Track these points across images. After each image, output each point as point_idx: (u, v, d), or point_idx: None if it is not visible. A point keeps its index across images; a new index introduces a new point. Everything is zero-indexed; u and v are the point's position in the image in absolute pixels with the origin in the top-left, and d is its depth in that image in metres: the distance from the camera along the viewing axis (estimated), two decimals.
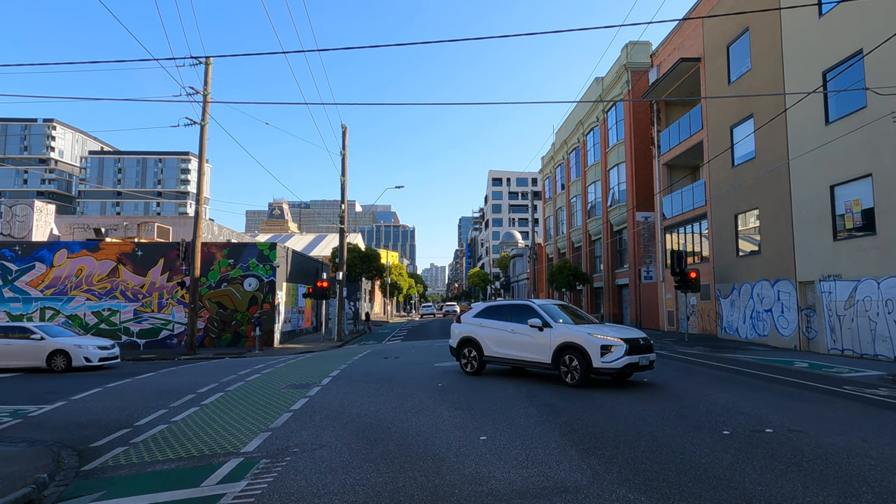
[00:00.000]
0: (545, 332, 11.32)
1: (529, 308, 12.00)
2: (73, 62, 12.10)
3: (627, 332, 11.22)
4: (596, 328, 11.17)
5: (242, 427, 8.02)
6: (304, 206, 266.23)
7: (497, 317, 12.62)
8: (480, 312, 13.11)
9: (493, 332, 12.46)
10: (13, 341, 16.29)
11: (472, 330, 12.97)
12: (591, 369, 10.50)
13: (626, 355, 10.46)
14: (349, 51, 15.96)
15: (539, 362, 11.45)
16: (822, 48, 17.52)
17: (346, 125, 30.07)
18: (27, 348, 16.21)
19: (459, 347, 13.20)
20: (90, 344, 16.58)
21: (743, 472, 5.51)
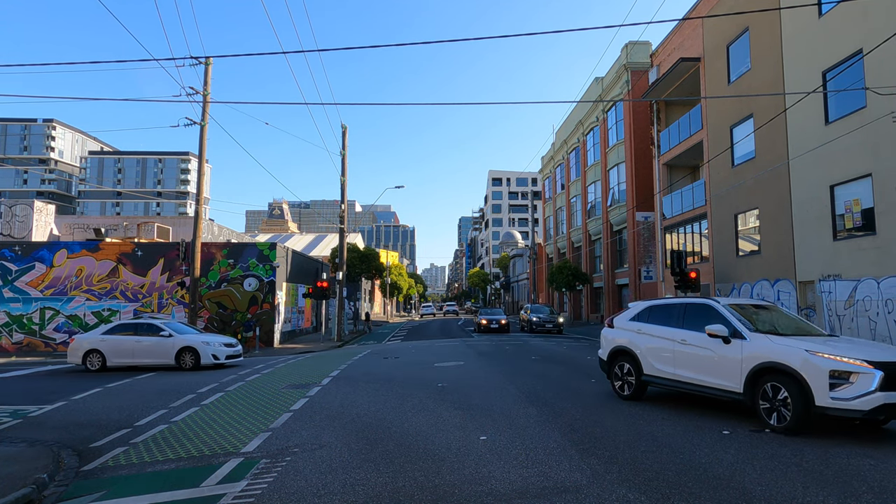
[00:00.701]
0: (733, 346, 7.88)
1: (709, 309, 8.58)
2: (73, 62, 12.11)
3: (881, 350, 7.28)
4: (822, 343, 7.43)
5: (242, 427, 8.02)
6: (304, 206, 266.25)
7: (663, 320, 9.24)
8: (640, 314, 9.84)
9: (656, 343, 9.13)
10: (143, 339, 16.01)
11: (628, 338, 9.75)
12: (813, 407, 6.79)
13: (882, 390, 6.48)
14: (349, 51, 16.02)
15: (723, 389, 7.97)
16: (821, 48, 17.52)
17: (345, 125, 30.08)
18: (157, 346, 15.91)
19: (611, 361, 10.11)
20: (216, 341, 16.27)
21: (743, 472, 5.51)
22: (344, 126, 30.03)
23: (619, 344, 9.94)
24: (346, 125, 30.06)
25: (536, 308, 34.58)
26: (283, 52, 11.73)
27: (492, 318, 32.62)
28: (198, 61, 19.87)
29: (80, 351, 16.02)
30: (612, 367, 10.03)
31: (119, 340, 16.10)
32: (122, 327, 16.56)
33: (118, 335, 16.22)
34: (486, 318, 32.74)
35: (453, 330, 37.22)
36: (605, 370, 10.31)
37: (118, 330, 16.45)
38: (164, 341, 15.98)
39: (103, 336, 16.23)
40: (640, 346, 9.42)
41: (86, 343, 16.14)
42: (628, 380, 9.60)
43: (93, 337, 16.34)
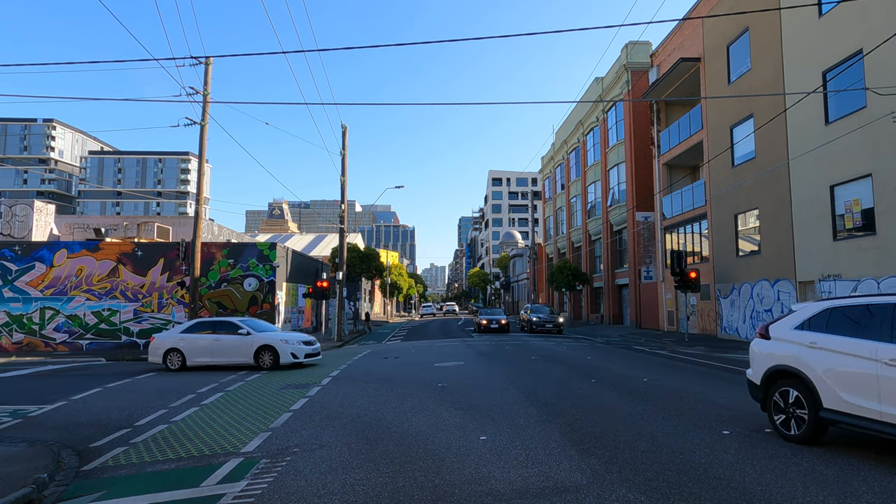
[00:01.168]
0: None
1: None
2: (73, 62, 12.10)
3: None
4: None
5: (242, 427, 8.02)
6: (304, 206, 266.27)
7: (851, 330, 6.26)
8: (814, 319, 6.79)
9: (845, 363, 6.13)
10: (222, 337, 15.35)
11: (795, 355, 6.74)
12: None
13: None
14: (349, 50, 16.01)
15: None
16: (821, 48, 17.52)
17: (345, 125, 30.08)
18: (236, 344, 15.23)
19: (767, 385, 7.14)
20: (295, 339, 15.45)
21: (743, 472, 5.51)
22: (344, 126, 30.03)
23: (781, 363, 6.91)
24: (346, 125, 30.07)
25: (536, 308, 34.57)
26: (282, 52, 11.74)
27: (492, 318, 32.62)
28: (198, 61, 19.87)
29: (161, 350, 15.44)
30: (768, 396, 7.07)
31: (198, 339, 15.45)
32: (200, 325, 15.88)
33: (197, 333, 15.55)
34: (486, 318, 32.74)
35: (453, 330, 37.22)
36: (758, 398, 7.34)
37: (197, 328, 15.77)
38: (243, 340, 15.23)
39: (182, 335, 15.55)
40: (817, 368, 6.41)
41: (168, 342, 15.54)
42: (797, 414, 6.61)
43: (173, 335, 15.69)
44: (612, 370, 13.67)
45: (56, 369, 17.07)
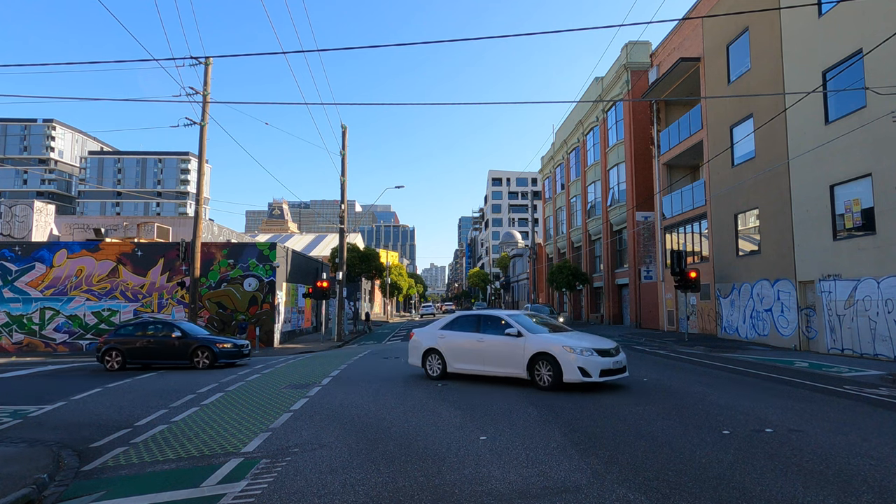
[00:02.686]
0: None
1: None
2: (73, 62, 12.11)
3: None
4: None
5: (242, 427, 8.02)
6: (304, 206, 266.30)
7: None
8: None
9: None
10: (486, 337, 11.55)
11: None
12: None
13: None
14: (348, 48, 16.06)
15: None
16: (821, 48, 17.51)
17: (345, 125, 30.08)
18: (504, 349, 11.14)
19: None
20: (580, 345, 10.46)
21: (743, 471, 5.51)
22: (344, 126, 30.04)
23: None
24: (345, 125, 30.07)
25: (536, 308, 34.57)
26: (282, 52, 11.74)
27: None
28: (198, 61, 19.87)
29: (420, 350, 12.68)
30: None
31: (459, 339, 12.05)
32: (463, 321, 12.40)
33: (458, 330, 12.20)
34: None
35: None
36: None
37: (459, 323, 12.39)
38: (513, 344, 11.10)
39: (443, 332, 12.43)
40: None
41: (425, 340, 12.66)
42: None
43: (432, 332, 12.62)
44: None
45: (56, 369, 17.07)
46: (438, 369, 12.26)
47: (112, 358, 16.58)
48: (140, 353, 16.72)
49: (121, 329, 17.34)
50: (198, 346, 16.49)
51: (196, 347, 16.47)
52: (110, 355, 16.61)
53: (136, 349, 16.70)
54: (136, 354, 16.70)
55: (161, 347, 16.66)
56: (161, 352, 16.66)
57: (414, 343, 12.92)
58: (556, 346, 10.45)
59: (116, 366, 16.51)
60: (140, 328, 17.23)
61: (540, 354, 10.62)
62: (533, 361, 10.69)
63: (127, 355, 16.60)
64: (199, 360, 16.43)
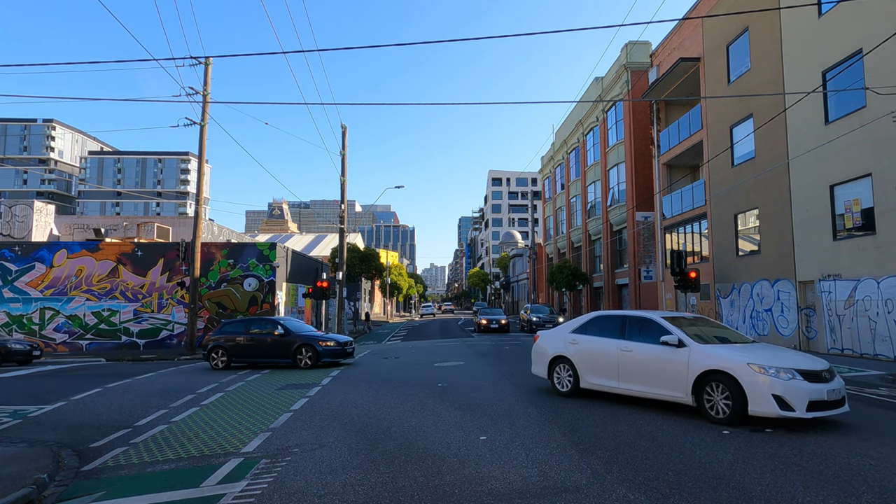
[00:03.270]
0: None
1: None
2: (73, 62, 12.11)
3: None
4: None
5: (242, 427, 8.02)
6: (304, 206, 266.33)
7: None
8: None
9: None
10: (634, 346, 8.90)
11: None
12: None
13: None
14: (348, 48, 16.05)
15: None
16: (821, 48, 17.52)
17: (345, 125, 30.08)
18: (661, 364, 8.42)
19: None
20: (775, 363, 7.56)
21: (743, 471, 5.51)
22: (344, 126, 30.04)
23: None
24: (345, 125, 30.08)
25: (536, 308, 34.60)
26: (282, 52, 11.74)
27: (492, 318, 32.65)
28: (197, 61, 19.88)
29: (545, 357, 10.49)
30: None
31: (596, 346, 9.53)
32: (602, 323, 9.83)
33: (597, 335, 9.68)
34: (485, 318, 32.76)
35: (453, 330, 37.23)
36: None
37: (598, 327, 9.84)
38: (672, 356, 8.27)
39: (575, 335, 10.01)
40: None
41: (552, 345, 10.46)
42: None
43: (559, 336, 10.40)
44: None
45: (56, 369, 17.07)
46: (569, 383, 9.93)
47: (217, 356, 16.00)
48: (244, 352, 15.99)
49: (225, 326, 16.67)
50: (300, 344, 15.56)
51: (299, 346, 15.56)
52: (216, 353, 16.03)
53: (239, 347, 15.99)
54: (240, 353, 15.99)
55: (264, 346, 15.84)
56: (264, 350, 15.83)
57: (538, 349, 10.76)
58: (737, 363, 7.59)
59: (221, 365, 15.92)
60: (244, 325, 16.57)
61: (712, 373, 7.75)
62: (701, 382, 7.88)
63: (231, 354, 15.97)
64: (302, 358, 15.47)
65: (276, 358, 15.73)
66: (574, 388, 9.83)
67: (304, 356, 15.51)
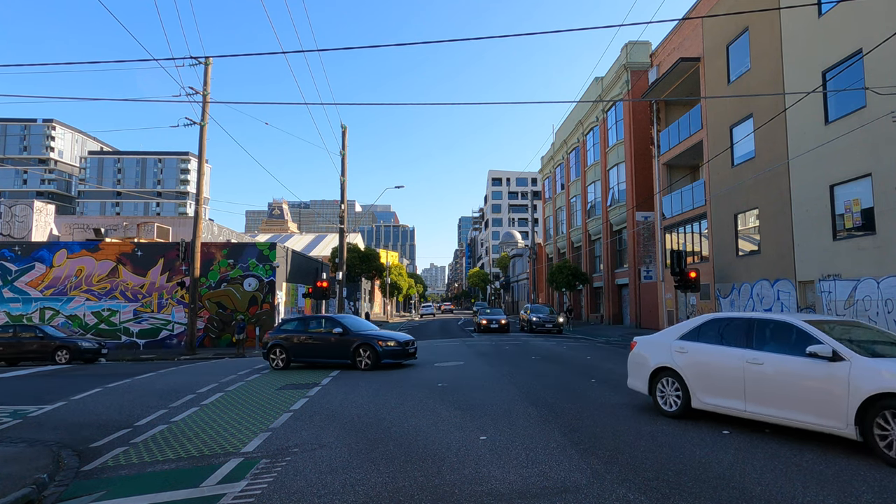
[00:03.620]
0: None
1: None
2: (73, 62, 12.11)
3: None
4: None
5: (242, 427, 8.02)
6: (304, 206, 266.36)
7: None
8: None
9: None
10: (765, 357, 6.95)
11: None
12: None
13: None
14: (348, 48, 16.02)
15: None
16: (821, 48, 17.52)
17: (345, 125, 30.08)
18: (807, 383, 6.46)
19: None
20: None
21: (743, 471, 5.51)
22: (344, 126, 30.04)
23: None
24: (345, 125, 30.07)
25: (536, 308, 34.59)
26: (282, 52, 11.74)
27: (492, 318, 32.64)
28: (197, 61, 19.88)
29: (645, 369, 8.56)
30: None
31: (715, 356, 7.59)
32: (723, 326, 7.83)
33: (715, 343, 7.72)
34: (485, 318, 32.75)
35: (453, 330, 37.23)
36: None
37: (715, 331, 7.87)
38: (823, 372, 6.32)
39: (683, 343, 8.10)
40: None
41: (654, 353, 8.50)
42: None
43: (663, 342, 8.49)
44: (613, 370, 13.68)
45: (56, 369, 17.07)
46: (676, 402, 7.99)
47: (277, 356, 15.38)
48: (303, 351, 15.26)
49: (284, 324, 16.15)
50: (359, 344, 14.60)
51: (357, 346, 14.60)
52: (276, 352, 15.40)
53: (298, 346, 15.28)
54: (300, 352, 15.27)
55: (322, 345, 15.03)
56: (323, 350, 15.01)
57: (636, 357, 8.85)
58: None
59: (281, 364, 15.29)
60: (302, 323, 15.92)
61: (887, 397, 5.72)
62: (869, 409, 5.86)
63: (291, 353, 15.28)
64: (362, 359, 14.51)
65: (335, 358, 14.88)
66: (683, 407, 7.87)
67: (363, 356, 14.53)
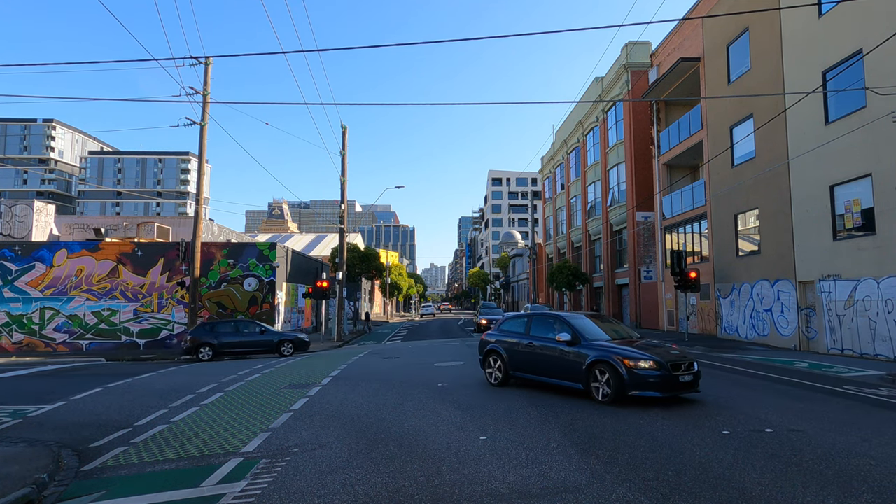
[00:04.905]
0: None
1: None
2: (73, 62, 12.11)
3: None
4: None
5: (242, 427, 8.02)
6: (304, 206, 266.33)
7: None
8: None
9: None
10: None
11: None
12: None
13: None
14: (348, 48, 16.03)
15: None
16: (821, 48, 17.52)
17: (345, 125, 30.08)
18: None
19: None
20: None
21: (743, 471, 5.51)
22: (344, 126, 30.04)
23: None
24: (345, 125, 30.07)
25: (536, 308, 34.59)
26: (282, 52, 11.74)
27: (491, 318, 32.61)
28: (198, 61, 19.88)
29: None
30: None
31: None
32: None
33: None
34: (486, 318, 32.74)
35: (453, 330, 37.22)
36: None
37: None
38: None
39: None
40: None
41: None
42: None
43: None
44: None
45: (56, 369, 17.07)
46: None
47: (493, 366, 11.49)
48: (528, 365, 10.81)
49: (504, 323, 12.07)
50: (595, 362, 9.39)
51: (593, 363, 9.42)
52: (492, 361, 11.53)
53: (522, 356, 10.96)
54: (523, 366, 10.92)
55: (550, 360, 10.28)
56: (552, 366, 10.27)
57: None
58: None
59: (500, 376, 11.30)
60: (524, 324, 11.31)
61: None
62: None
63: (510, 366, 11.14)
64: (599, 386, 9.29)
65: (567, 379, 9.97)
66: None
67: (600, 382, 9.30)
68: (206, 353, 19.29)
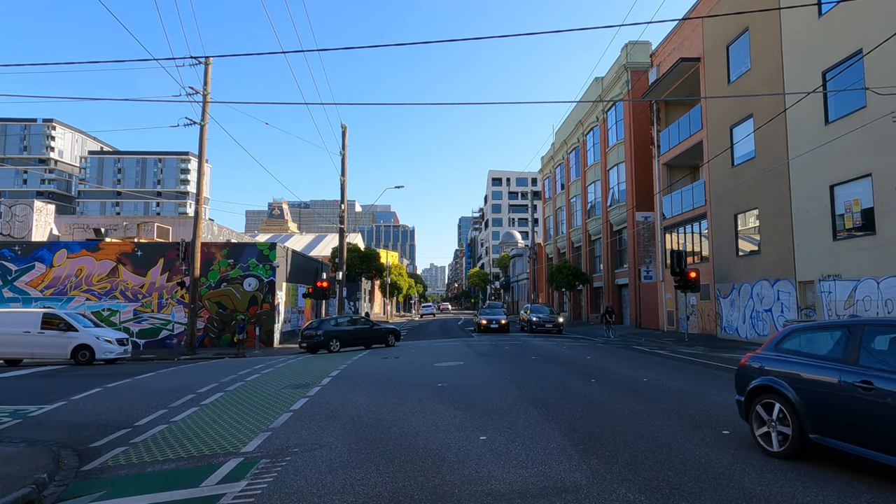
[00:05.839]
0: None
1: None
2: (72, 62, 12.11)
3: None
4: None
5: (242, 427, 8.02)
6: (304, 206, 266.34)
7: None
8: None
9: None
10: None
11: None
12: None
13: None
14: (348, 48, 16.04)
15: None
16: (821, 48, 17.52)
17: (345, 125, 30.09)
18: None
19: None
20: None
21: (743, 471, 5.50)
22: (344, 126, 30.05)
23: None
24: (345, 125, 30.08)
25: (536, 308, 34.59)
26: (282, 52, 11.74)
27: (492, 318, 32.64)
28: (198, 61, 19.88)
29: None
30: None
31: None
32: None
33: None
34: (485, 318, 32.75)
35: (453, 330, 37.23)
36: None
37: None
38: None
39: None
40: None
41: None
42: None
43: None
44: (612, 370, 13.68)
45: (56, 369, 17.07)
46: None
47: (768, 418, 5.96)
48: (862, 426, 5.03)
49: (788, 339, 6.55)
50: None
51: None
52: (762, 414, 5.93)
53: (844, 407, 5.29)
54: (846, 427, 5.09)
55: None
56: None
57: None
58: None
59: (785, 438, 5.98)
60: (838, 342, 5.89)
61: None
62: None
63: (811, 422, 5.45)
64: None
65: None
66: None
67: None
68: (336, 345, 21.50)
